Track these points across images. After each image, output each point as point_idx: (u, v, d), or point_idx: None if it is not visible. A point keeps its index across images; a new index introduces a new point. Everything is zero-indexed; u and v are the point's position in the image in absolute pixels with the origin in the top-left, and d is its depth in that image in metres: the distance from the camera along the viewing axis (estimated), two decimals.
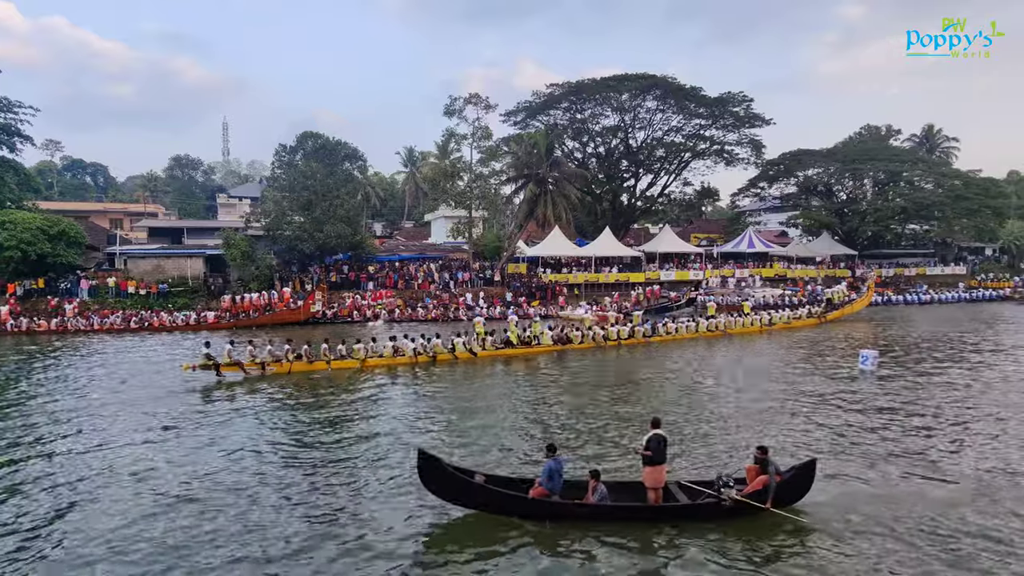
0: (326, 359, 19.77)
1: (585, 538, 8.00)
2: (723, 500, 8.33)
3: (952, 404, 14.97)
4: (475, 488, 8.46)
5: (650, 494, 8.65)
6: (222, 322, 32.87)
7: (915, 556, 7.61)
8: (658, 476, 8.65)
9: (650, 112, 51.16)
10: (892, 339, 26.54)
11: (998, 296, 46.36)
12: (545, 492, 8.50)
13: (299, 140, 48.10)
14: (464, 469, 8.98)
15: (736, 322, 29.20)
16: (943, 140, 73.59)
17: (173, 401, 15.84)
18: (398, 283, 39.86)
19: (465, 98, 40.28)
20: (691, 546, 7.88)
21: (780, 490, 8.55)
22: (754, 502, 8.40)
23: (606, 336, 24.84)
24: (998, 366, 20.08)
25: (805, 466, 8.89)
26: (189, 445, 12.10)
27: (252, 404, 15.64)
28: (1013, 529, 8.30)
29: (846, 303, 35.28)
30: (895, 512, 8.77)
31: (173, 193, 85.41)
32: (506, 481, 9.04)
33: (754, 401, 15.40)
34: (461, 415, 14.42)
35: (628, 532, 8.15)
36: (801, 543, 8.01)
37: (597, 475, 8.65)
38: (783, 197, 58.54)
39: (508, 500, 8.47)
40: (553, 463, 8.54)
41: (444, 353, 21.25)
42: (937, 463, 10.86)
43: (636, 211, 56.98)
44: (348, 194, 41.45)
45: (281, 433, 13.01)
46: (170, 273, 39.38)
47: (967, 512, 8.79)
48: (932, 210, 51.52)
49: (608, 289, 41.80)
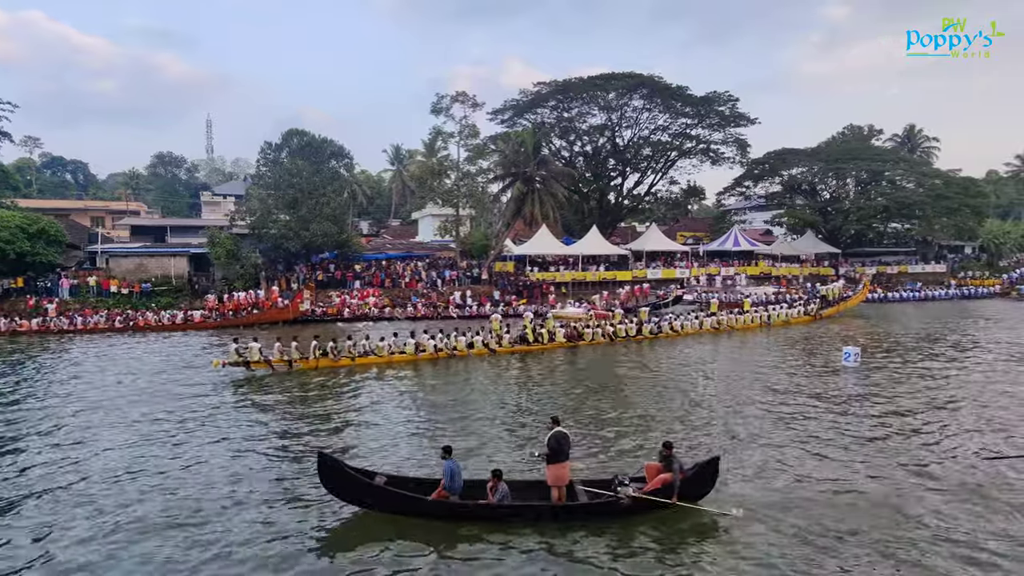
0: (351, 355, 20.34)
1: (485, 538, 8.02)
2: (620, 499, 8.36)
3: (920, 400, 15.24)
4: (374, 490, 8.55)
5: (553, 492, 8.63)
6: (209, 321, 32.53)
7: (816, 548, 7.72)
8: (560, 474, 8.61)
9: (636, 111, 51.38)
10: (881, 336, 27.02)
11: (988, 293, 47.60)
12: (445, 493, 8.56)
13: (285, 137, 47.58)
14: (365, 471, 9.06)
15: (737, 319, 30.07)
16: (924, 140, 74.74)
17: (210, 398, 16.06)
18: (385, 282, 39.71)
19: (452, 96, 40.22)
20: (589, 545, 7.88)
21: (684, 487, 8.64)
22: (657, 499, 8.49)
23: (615, 333, 25.67)
24: (972, 360, 20.49)
25: (708, 463, 8.97)
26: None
27: (270, 399, 15.76)
28: (914, 526, 8.39)
29: (841, 300, 36.11)
30: (809, 509, 8.83)
31: (156, 191, 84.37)
32: (411, 482, 9.10)
33: (732, 398, 15.60)
34: (472, 408, 14.78)
35: (528, 531, 8.15)
36: (702, 539, 8.09)
37: (499, 475, 8.63)
38: (768, 196, 59.08)
39: (407, 501, 8.53)
40: (452, 464, 8.62)
41: (463, 350, 21.95)
42: (869, 461, 10.88)
43: (623, 210, 57.22)
44: (334, 192, 41.20)
45: (280, 427, 12.96)
46: (153, 272, 38.90)
47: (877, 511, 8.83)
48: (913, 209, 52.29)
49: (595, 287, 41.94)
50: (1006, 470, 10.35)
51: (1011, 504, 9.02)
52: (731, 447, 11.63)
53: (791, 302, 34.85)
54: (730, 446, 11.68)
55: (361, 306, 35.47)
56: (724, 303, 34.07)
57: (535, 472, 9.82)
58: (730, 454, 11.09)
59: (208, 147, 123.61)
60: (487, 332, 23.39)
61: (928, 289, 47.29)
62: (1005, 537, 8.05)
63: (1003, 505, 8.99)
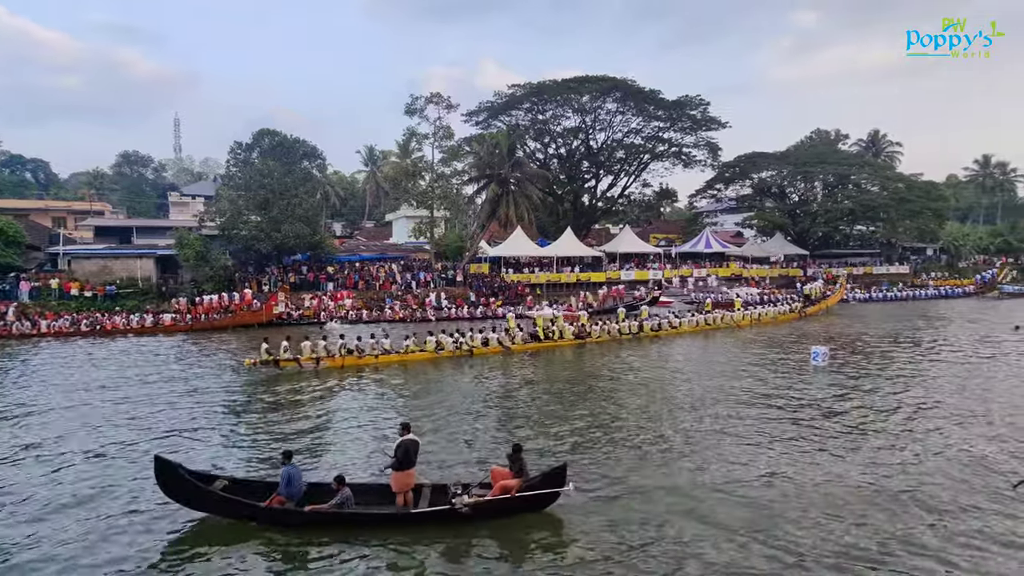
0: (374, 353, 21.04)
1: (320, 545, 8.00)
2: (458, 507, 8.34)
3: (870, 401, 15.70)
4: (209, 495, 8.53)
5: (398, 498, 8.63)
6: (180, 324, 31.77)
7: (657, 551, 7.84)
8: (405, 481, 8.63)
9: (610, 114, 51.89)
10: (853, 335, 27.88)
11: (963, 292, 49.61)
12: (282, 499, 8.52)
13: (256, 137, 46.87)
14: (204, 474, 9.02)
15: (729, 317, 31.54)
16: (888, 145, 76.88)
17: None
18: (359, 284, 39.31)
19: (426, 97, 40.00)
20: (424, 553, 7.87)
21: (531, 491, 8.58)
22: (500, 505, 8.46)
23: (620, 330, 26.95)
24: (933, 359, 21.18)
25: (555, 471, 8.91)
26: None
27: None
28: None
29: (822, 299, 37.91)
30: (653, 512, 8.91)
31: (121, 191, 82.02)
32: (251, 487, 9.03)
33: (692, 397, 15.86)
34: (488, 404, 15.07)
35: (366, 538, 8.15)
36: (547, 543, 8.08)
37: (342, 480, 8.61)
38: (738, 198, 60.15)
39: (242, 506, 8.50)
40: (290, 469, 8.60)
41: (480, 347, 22.84)
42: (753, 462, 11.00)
43: (597, 212, 57.67)
44: (307, 193, 40.63)
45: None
46: (118, 274, 37.85)
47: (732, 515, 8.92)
48: (878, 212, 53.78)
49: (570, 289, 42.16)
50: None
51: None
52: (654, 444, 11.89)
53: (775, 301, 36.49)
54: (653, 443, 11.95)
55: (338, 308, 35.05)
56: (717, 303, 35.67)
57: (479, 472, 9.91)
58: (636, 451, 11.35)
59: (176, 146, 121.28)
60: (501, 330, 24.54)
61: (909, 289, 49.20)
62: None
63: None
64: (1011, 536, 8.19)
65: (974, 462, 10.87)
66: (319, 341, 20.88)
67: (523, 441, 12.18)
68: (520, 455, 8.85)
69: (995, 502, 9.24)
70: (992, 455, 11.23)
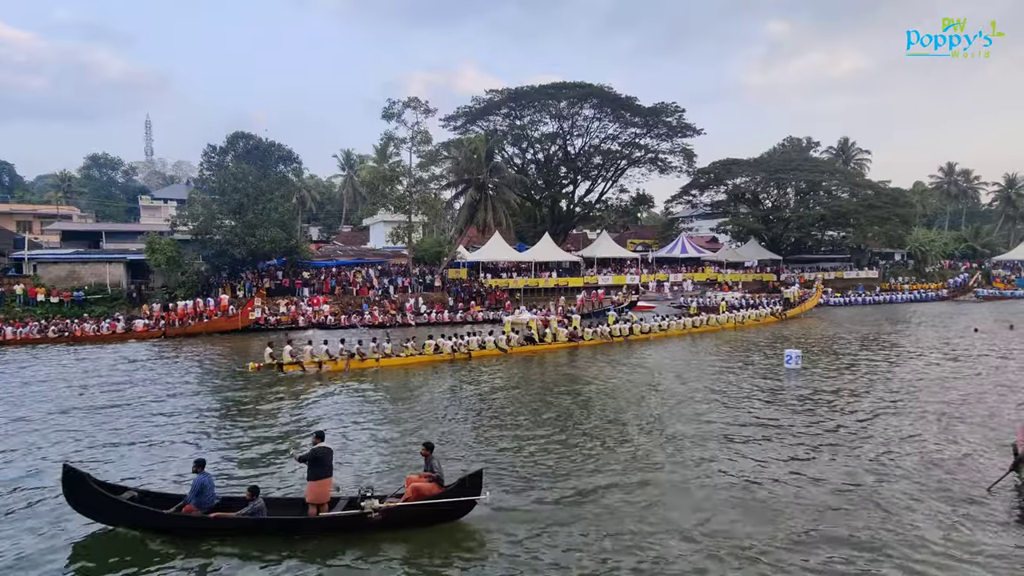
0: (375, 357, 21.22)
1: (229, 554, 7.88)
2: (367, 512, 8.14)
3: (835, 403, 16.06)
4: (116, 504, 8.36)
5: (311, 509, 8.38)
6: (153, 331, 31.08)
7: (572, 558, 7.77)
8: (319, 491, 8.39)
9: (587, 120, 52.38)
10: (829, 338, 28.67)
11: (937, 296, 51.27)
12: (191, 508, 8.35)
13: (230, 141, 46.27)
14: (113, 485, 8.86)
15: (715, 320, 32.55)
16: (857, 152, 78.86)
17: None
18: (335, 289, 38.94)
19: (404, 102, 39.89)
20: (334, 560, 7.76)
21: (446, 498, 8.39)
22: (413, 512, 8.33)
23: (611, 332, 27.65)
24: (901, 360, 21.74)
25: (470, 477, 8.67)
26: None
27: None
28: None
29: (800, 302, 39.43)
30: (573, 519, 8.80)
31: (90, 194, 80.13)
32: (166, 498, 8.82)
33: (663, 400, 16.05)
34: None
35: (277, 547, 7.98)
36: (459, 553, 7.93)
37: (255, 491, 8.41)
38: (713, 204, 61.12)
39: (148, 515, 8.35)
40: (203, 478, 8.46)
41: (477, 350, 23.22)
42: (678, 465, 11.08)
43: (574, 217, 58.07)
44: (282, 197, 40.13)
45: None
46: (87, 280, 36.93)
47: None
48: (848, 218, 55.11)
49: (548, 293, 42.32)
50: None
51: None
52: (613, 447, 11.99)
53: (757, 305, 37.75)
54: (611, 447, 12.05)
55: (316, 313, 34.67)
56: (702, 306, 36.71)
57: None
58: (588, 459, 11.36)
59: (147, 149, 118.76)
60: (499, 334, 24.97)
61: (885, 293, 50.73)
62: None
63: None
64: (974, 542, 8.22)
65: (939, 464, 11.10)
66: (320, 345, 21.09)
67: (490, 445, 12.16)
68: (430, 453, 8.61)
69: (967, 505, 9.34)
70: (962, 457, 11.51)
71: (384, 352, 21.66)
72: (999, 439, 12.24)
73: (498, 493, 9.48)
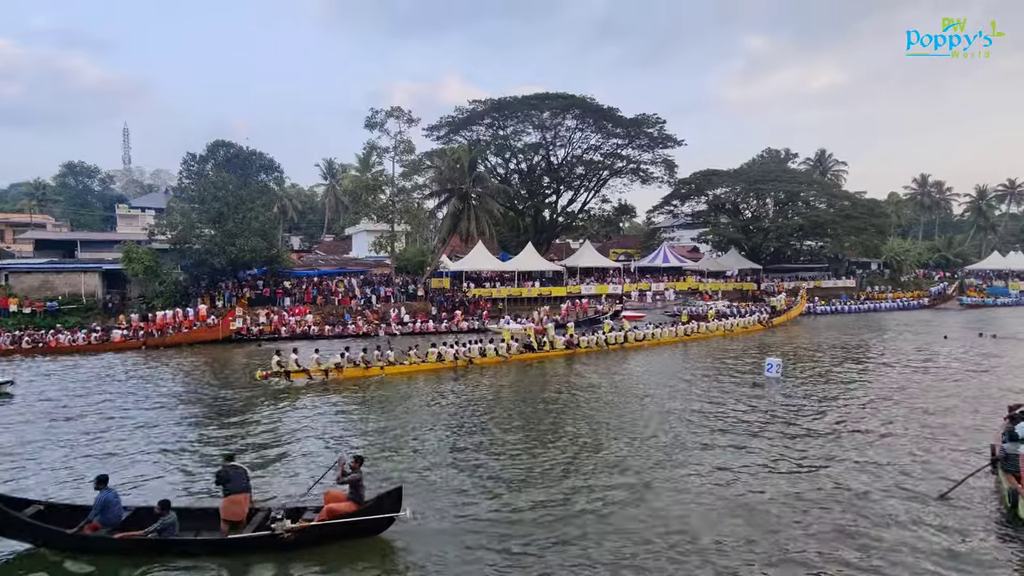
0: (380, 364, 21.57)
1: (141, 573, 7.76)
2: (278, 532, 8.02)
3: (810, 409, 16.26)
4: (15, 520, 8.18)
5: (223, 525, 8.33)
6: (131, 341, 30.45)
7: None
8: (230, 508, 8.36)
9: (570, 131, 52.75)
10: (812, 346, 29.19)
11: (919, 304, 52.40)
12: (96, 525, 8.20)
13: (210, 149, 45.78)
14: (16, 499, 8.66)
15: (705, 327, 33.40)
16: (834, 163, 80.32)
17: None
18: (317, 299, 38.56)
19: (387, 111, 39.84)
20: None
21: (362, 516, 8.31)
22: (327, 530, 8.22)
23: (607, 340, 28.20)
24: (878, 371, 22.09)
25: (389, 494, 8.64)
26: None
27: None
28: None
29: (786, 310, 40.30)
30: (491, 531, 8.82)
31: (65, 202, 78.59)
32: (75, 513, 8.56)
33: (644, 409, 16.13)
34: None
35: (189, 565, 7.91)
36: (379, 569, 7.91)
37: (167, 505, 8.29)
38: (694, 214, 61.73)
39: (48, 533, 8.20)
40: (107, 495, 8.33)
41: (478, 358, 23.81)
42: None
43: (557, 227, 58.30)
44: (263, 206, 39.71)
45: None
46: (61, 290, 36.16)
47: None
48: (825, 228, 55.98)
49: (531, 303, 42.33)
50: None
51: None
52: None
53: (744, 313, 38.49)
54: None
55: (300, 323, 34.26)
56: (693, 315, 37.37)
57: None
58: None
59: (125, 157, 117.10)
60: (498, 341, 25.57)
61: (869, 302, 51.65)
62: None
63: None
64: (932, 545, 8.32)
65: (905, 470, 11.24)
66: (313, 354, 21.37)
67: (466, 456, 12.06)
68: (357, 467, 8.53)
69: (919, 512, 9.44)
70: (928, 461, 11.70)
71: (388, 360, 21.93)
72: (972, 440, 12.53)
73: (452, 505, 9.50)
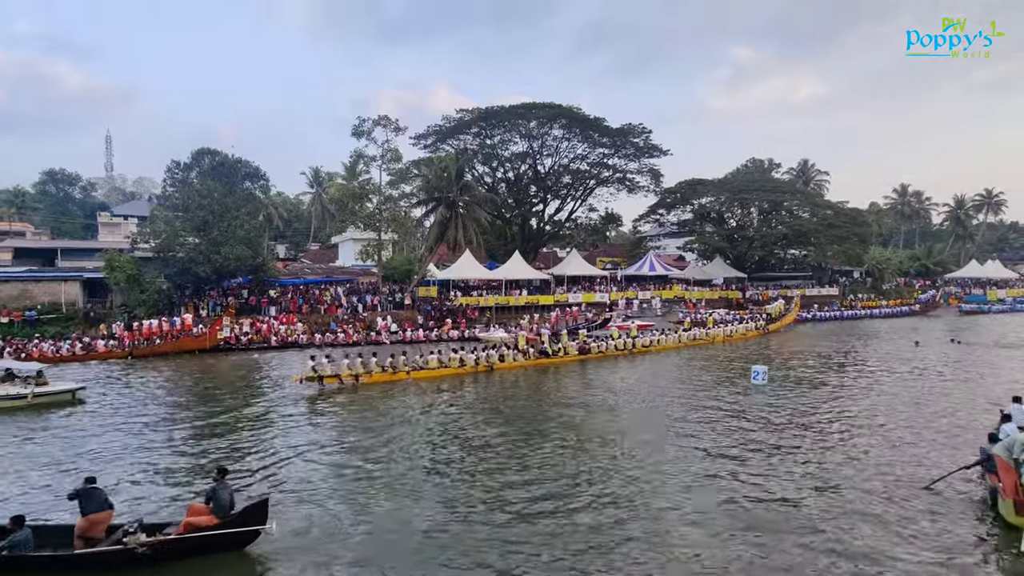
0: (407, 369, 22.54)
1: None
2: (132, 547, 7.75)
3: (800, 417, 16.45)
4: None
5: (77, 542, 8.12)
6: (116, 351, 29.97)
7: None
8: (86, 525, 8.21)
9: (557, 140, 53.11)
10: (805, 352, 29.77)
11: (910, 311, 53.48)
12: None
13: (195, 157, 45.25)
14: None
15: (705, 334, 34.64)
16: (816, 173, 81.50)
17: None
18: (303, 307, 38.27)
19: (374, 119, 39.82)
20: None
21: (223, 529, 8.09)
22: (185, 544, 8.03)
23: (616, 346, 29.63)
24: (861, 377, 22.36)
25: (255, 506, 8.50)
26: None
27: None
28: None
29: (780, 317, 41.50)
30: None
31: (45, 210, 77.41)
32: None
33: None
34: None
35: None
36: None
37: (20, 521, 8.00)
38: (680, 223, 62.22)
39: None
40: None
41: (498, 363, 24.77)
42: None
43: (545, 235, 58.51)
44: (249, 214, 39.45)
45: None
46: (40, 299, 35.59)
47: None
48: (808, 236, 56.72)
49: (519, 312, 42.35)
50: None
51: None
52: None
53: (742, 320, 39.70)
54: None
55: (289, 332, 33.96)
56: (694, 322, 38.56)
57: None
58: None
59: (107, 164, 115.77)
60: (514, 348, 26.84)
61: (862, 308, 52.73)
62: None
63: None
64: (915, 542, 8.54)
65: (889, 471, 11.41)
66: (357, 359, 22.16)
67: (450, 466, 12.05)
68: (223, 479, 8.34)
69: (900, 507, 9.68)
70: (912, 459, 11.85)
71: (415, 364, 22.98)
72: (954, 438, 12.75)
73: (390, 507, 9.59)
